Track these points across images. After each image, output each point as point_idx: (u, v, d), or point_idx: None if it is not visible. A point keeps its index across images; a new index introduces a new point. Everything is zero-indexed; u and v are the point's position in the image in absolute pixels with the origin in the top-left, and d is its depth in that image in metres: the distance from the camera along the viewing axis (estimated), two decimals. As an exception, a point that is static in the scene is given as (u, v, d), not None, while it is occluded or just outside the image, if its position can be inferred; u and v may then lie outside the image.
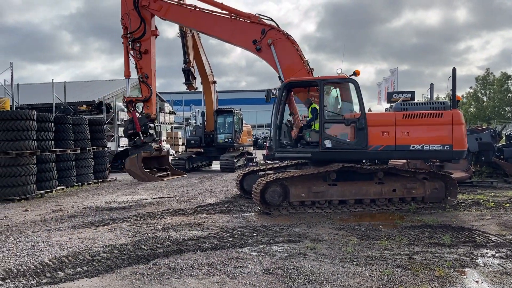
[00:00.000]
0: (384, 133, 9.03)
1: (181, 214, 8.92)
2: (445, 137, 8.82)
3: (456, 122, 8.83)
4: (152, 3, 12.71)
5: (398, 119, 9.06)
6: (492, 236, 6.67)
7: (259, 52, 10.90)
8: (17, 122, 11.40)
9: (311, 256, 5.77)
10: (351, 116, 9.33)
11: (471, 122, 49.64)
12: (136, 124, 13.45)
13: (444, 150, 8.84)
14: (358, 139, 9.06)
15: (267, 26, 10.84)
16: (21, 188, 11.32)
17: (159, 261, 5.61)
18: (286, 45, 10.65)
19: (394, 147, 9.00)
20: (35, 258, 5.86)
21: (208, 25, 11.91)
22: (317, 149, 9.33)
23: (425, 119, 8.97)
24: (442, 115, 8.91)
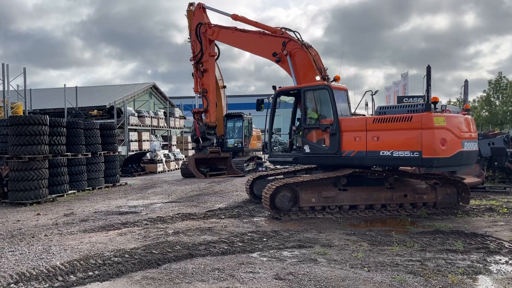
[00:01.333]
0: (356, 139, 8.78)
1: (191, 219, 8.95)
2: (414, 142, 8.06)
3: (426, 126, 7.97)
4: (208, 29, 15.44)
5: (369, 123, 8.72)
6: (506, 243, 6.58)
7: (280, 63, 11.72)
8: (30, 127, 11.55)
9: (322, 261, 5.74)
10: (327, 121, 9.37)
11: (483, 126, 49.09)
12: (197, 132, 16.65)
13: (413, 157, 8.09)
14: (331, 144, 9.11)
15: (286, 38, 11.56)
16: (33, 192, 11.44)
17: (170, 266, 5.63)
18: (301, 54, 11.12)
19: (365, 153, 8.65)
20: (47, 262, 5.92)
21: (244, 43, 13.76)
22: (300, 154, 9.69)
23: (394, 123, 8.38)
24: (411, 119, 8.18)
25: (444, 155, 7.99)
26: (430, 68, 8.30)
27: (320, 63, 11.01)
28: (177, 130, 31.39)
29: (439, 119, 8.02)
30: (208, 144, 16.97)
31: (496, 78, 52.54)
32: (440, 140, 7.97)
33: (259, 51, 12.93)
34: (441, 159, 7.99)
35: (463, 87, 9.53)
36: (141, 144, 24.42)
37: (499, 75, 52.50)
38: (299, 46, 11.17)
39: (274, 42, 11.96)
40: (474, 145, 8.85)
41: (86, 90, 31.60)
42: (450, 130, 8.13)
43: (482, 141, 14.00)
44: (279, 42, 11.69)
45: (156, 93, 33.53)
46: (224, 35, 14.79)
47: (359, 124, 8.92)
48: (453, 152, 8.13)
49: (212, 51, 16.23)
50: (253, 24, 13.46)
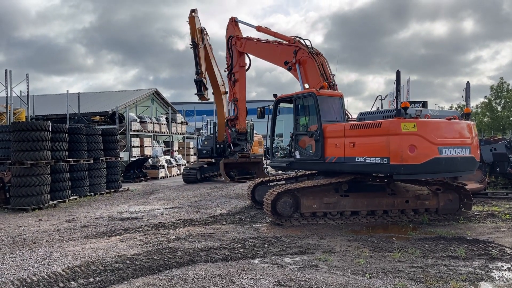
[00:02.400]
0: (336, 145, 8.91)
1: (192, 225, 8.94)
2: (383, 149, 7.96)
3: (393, 132, 7.82)
4: (237, 42, 16.40)
5: (347, 130, 8.75)
6: (508, 249, 6.55)
7: (291, 71, 12.24)
8: (32, 133, 11.59)
9: (323, 268, 5.72)
10: (313, 128, 9.54)
11: (485, 132, 48.99)
12: (228, 138, 17.98)
13: (382, 164, 7.98)
14: (316, 150, 9.32)
15: (297, 47, 12.11)
16: (35, 198, 11.46)
17: (171, 272, 5.62)
18: (309, 63, 11.63)
19: (344, 159, 8.71)
20: (49, 268, 5.92)
21: (264, 53, 14.63)
22: (292, 160, 10.01)
23: (366, 129, 8.36)
24: (380, 125, 8.11)
25: (413, 162, 7.75)
26: (399, 72, 8.16)
27: (327, 70, 11.27)
28: (179, 135, 31.42)
29: (408, 124, 7.80)
30: (238, 150, 17.97)
31: (498, 84, 52.51)
32: (409, 146, 7.74)
33: (275, 60, 13.56)
34: (409, 166, 7.76)
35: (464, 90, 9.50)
36: (143, 149, 24.44)
37: (501, 81, 52.48)
38: (307, 55, 11.60)
39: (287, 51, 12.61)
40: (464, 151, 8.35)
41: (88, 96, 31.69)
42: (422, 136, 7.84)
43: (484, 147, 13.98)
44: (291, 51, 12.29)
45: (158, 99, 33.62)
46: (250, 46, 15.77)
47: (339, 130, 9.02)
48: (425, 158, 7.83)
49: (242, 62, 16.99)
50: (273, 34, 14.28)
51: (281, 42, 13.35)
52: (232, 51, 16.73)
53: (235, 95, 17.44)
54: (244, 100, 17.83)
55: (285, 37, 13.35)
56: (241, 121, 17.85)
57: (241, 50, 16.43)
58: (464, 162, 8.41)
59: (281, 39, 13.58)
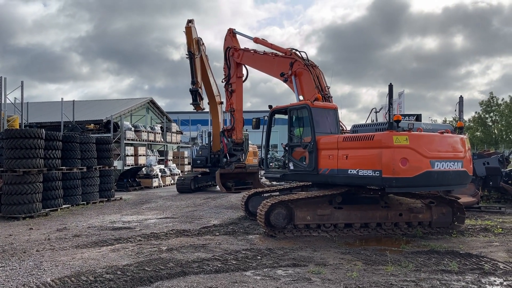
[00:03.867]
0: (330, 157, 8.91)
1: (185, 235, 8.88)
2: (375, 162, 7.96)
3: (385, 145, 7.84)
4: (235, 53, 16.46)
5: (340, 142, 8.78)
6: (501, 264, 6.56)
7: (287, 83, 12.33)
8: (25, 140, 11.52)
9: (316, 281, 5.69)
10: (307, 140, 9.57)
11: (478, 146, 49.34)
12: (224, 148, 17.90)
13: (374, 176, 7.97)
14: (309, 162, 9.35)
15: (293, 59, 12.23)
16: (26, 206, 11.35)
17: (162, 284, 5.56)
18: (304, 74, 11.75)
19: (337, 171, 8.70)
20: (38, 278, 5.84)
21: (260, 65, 14.79)
22: (286, 171, 10.05)
23: (359, 142, 8.37)
24: (373, 138, 8.14)
25: (405, 175, 7.76)
26: (392, 86, 8.20)
27: (322, 82, 11.37)
28: (174, 145, 31.35)
29: (401, 138, 7.82)
30: (235, 160, 18.06)
31: (488, 99, 53.11)
32: (400, 159, 7.74)
33: (272, 72, 13.73)
34: (401, 179, 7.77)
35: (457, 104, 9.53)
36: (137, 158, 24.33)
37: (490, 96, 53.08)
38: (302, 67, 11.74)
39: (283, 63, 12.76)
40: (456, 165, 8.36)
41: (83, 104, 31.61)
42: (414, 149, 7.85)
43: (477, 161, 14.06)
44: (287, 63, 12.43)
45: (153, 107, 33.58)
46: (247, 57, 15.91)
47: (332, 142, 9.06)
48: (417, 172, 7.83)
49: (240, 73, 17.07)
50: (269, 46, 14.39)
51: (278, 54, 13.48)
52: (229, 62, 16.85)
53: (232, 105, 17.56)
54: (241, 110, 17.96)
55: (281, 49, 13.48)
56: (238, 131, 18.00)
57: (239, 61, 16.56)
58: (456, 176, 8.42)
59: (277, 50, 13.71)
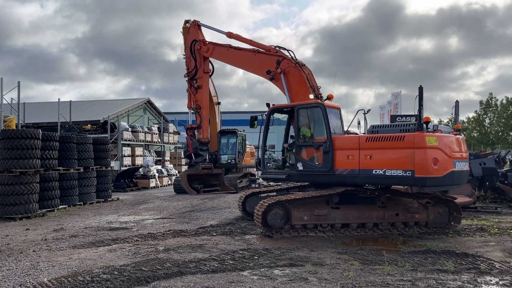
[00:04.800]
0: (349, 157, 8.81)
1: (182, 236, 8.88)
2: (407, 162, 8.12)
3: (419, 145, 8.05)
4: (203, 46, 15.74)
5: (362, 142, 8.79)
6: (496, 263, 6.59)
7: (274, 81, 11.87)
8: (22, 141, 11.49)
9: (313, 280, 5.70)
10: (320, 139, 9.39)
11: (475, 146, 49.51)
12: (189, 148, 16.34)
13: (405, 176, 8.12)
14: (324, 162, 9.12)
15: (281, 57, 11.68)
16: (23, 206, 11.32)
17: (159, 284, 5.56)
18: (294, 73, 11.26)
19: (358, 171, 8.67)
20: (35, 279, 5.83)
21: (237, 61, 14.13)
22: (293, 171, 9.68)
23: (387, 142, 8.45)
24: (403, 138, 8.26)
25: (436, 174, 8.04)
26: (422, 88, 8.37)
27: (313, 82, 11.11)
28: (171, 145, 31.33)
29: (431, 138, 8.11)
30: (201, 160, 16.67)
31: (487, 99, 53.27)
32: (432, 159, 8.02)
33: (253, 69, 13.23)
34: (433, 179, 8.04)
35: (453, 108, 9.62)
36: (134, 159, 24.30)
37: (490, 96, 53.24)
38: (293, 65, 11.31)
39: (268, 60, 12.12)
40: (465, 165, 8.92)
41: (80, 104, 31.55)
42: (442, 150, 8.20)
43: (474, 161, 14.10)
44: (273, 61, 11.86)
45: (150, 108, 33.55)
46: (219, 53, 15.09)
47: (352, 142, 9.00)
48: (445, 171, 8.19)
49: (207, 68, 16.45)
50: (248, 42, 13.74)
51: (259, 50, 12.85)
52: (195, 56, 16.06)
53: (197, 102, 16.65)
54: (207, 108, 17.07)
55: (263, 46, 12.84)
56: (204, 130, 16.94)
57: (208, 55, 15.84)
58: (466, 175, 9.08)
59: (258, 47, 13.03)
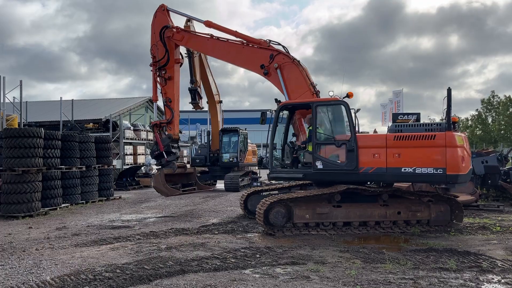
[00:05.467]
0: (375, 155, 8.84)
1: (184, 234, 8.90)
2: (438, 160, 8.41)
3: (450, 144, 8.39)
4: (176, 34, 13.78)
5: (389, 140, 8.85)
6: (499, 261, 6.58)
7: (267, 76, 11.35)
8: (24, 140, 11.52)
9: (315, 279, 5.71)
10: (342, 137, 9.26)
11: (477, 144, 49.40)
12: (160, 145, 13.84)
13: (437, 174, 8.41)
14: (348, 161, 8.99)
15: (275, 51, 11.24)
16: (25, 205, 11.35)
17: (161, 282, 5.58)
18: (292, 69, 10.94)
19: (385, 170, 8.75)
20: (37, 277, 5.85)
21: (222, 53, 12.79)
22: (309, 170, 9.38)
23: (417, 141, 8.65)
24: (434, 137, 8.52)
25: (464, 171, 8.55)
26: (450, 90, 8.80)
27: (310, 79, 10.99)
28: (173, 144, 31.31)
29: (459, 138, 8.55)
30: (174, 159, 14.40)
31: (489, 97, 53.12)
32: (461, 158, 8.46)
33: (241, 62, 12.49)
34: (462, 176, 8.54)
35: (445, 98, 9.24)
36: (136, 157, 24.34)
37: (492, 94, 53.08)
38: (290, 61, 11.03)
39: (259, 54, 11.58)
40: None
41: (82, 103, 31.60)
42: (465, 149, 8.71)
43: (476, 159, 14.08)
44: (266, 55, 11.39)
45: (152, 107, 33.57)
46: (197, 43, 13.72)
47: (378, 141, 9.00)
48: (468, 169, 8.81)
49: (178, 58, 14.42)
50: (232, 33, 12.61)
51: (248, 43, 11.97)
52: (165, 43, 13.83)
53: (167, 95, 14.33)
54: (178, 101, 14.78)
55: (251, 39, 11.99)
56: (176, 125, 14.76)
57: (182, 44, 14.08)
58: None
59: (245, 40, 12.11)
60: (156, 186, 13.86)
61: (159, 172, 13.70)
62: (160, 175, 13.66)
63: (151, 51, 14.23)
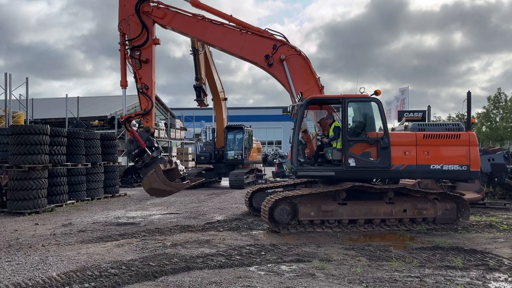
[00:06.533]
0: (406, 153, 9.17)
1: (189, 231, 8.91)
2: (463, 157, 9.13)
3: (472, 143, 9.20)
4: (156, 10, 11.31)
5: (419, 139, 9.25)
6: (505, 260, 6.54)
7: (270, 68, 10.61)
8: (31, 136, 11.57)
9: (320, 276, 5.70)
10: (374, 135, 9.27)
11: (483, 142, 49.10)
12: (140, 141, 11.10)
13: (462, 170, 9.11)
14: (381, 158, 9.06)
15: (278, 42, 10.61)
16: (32, 201, 11.41)
17: (167, 278, 5.59)
18: (299, 61, 10.52)
19: (415, 167, 9.16)
20: (44, 273, 5.88)
21: (216, 37, 11.19)
22: (340, 168, 9.17)
23: (444, 139, 9.26)
24: (459, 136, 9.22)
25: (479, 168, 9.49)
26: (470, 93, 9.70)
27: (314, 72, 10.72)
28: (178, 141, 31.41)
29: (476, 138, 9.51)
30: (159, 154, 11.52)
31: (495, 94, 52.72)
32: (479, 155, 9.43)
33: (240, 50, 11.03)
34: (479, 172, 9.53)
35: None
36: (141, 155, 24.39)
37: (498, 91, 52.66)
38: (296, 53, 10.53)
39: (262, 43, 10.70)
40: None
41: (87, 100, 31.72)
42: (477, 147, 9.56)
43: (483, 157, 13.97)
44: (269, 45, 10.60)
45: (157, 104, 33.62)
46: (184, 23, 11.39)
47: (409, 139, 9.34)
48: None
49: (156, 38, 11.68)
50: (227, 18, 11.10)
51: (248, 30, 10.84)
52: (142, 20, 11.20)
53: (143, 80, 11.48)
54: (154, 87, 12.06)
55: (251, 27, 10.82)
56: (153, 117, 12.26)
57: (164, 23, 11.41)
58: None
59: (243, 26, 10.89)
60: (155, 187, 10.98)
61: (153, 169, 10.89)
62: (156, 172, 10.91)
63: (119, 28, 11.56)
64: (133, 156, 11.30)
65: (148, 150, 11.17)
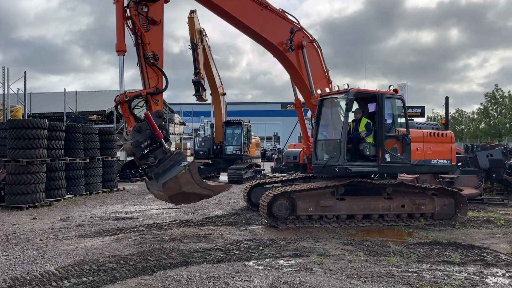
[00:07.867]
0: (417, 149, 9.71)
1: (187, 226, 8.91)
2: (448, 152, 10.17)
3: (453, 140, 10.50)
4: None
5: (425, 136, 10.01)
6: (503, 255, 6.55)
7: (289, 53, 9.86)
8: (28, 131, 11.53)
9: (318, 271, 5.70)
10: (400, 131, 9.55)
11: (482, 138, 49.15)
12: (156, 130, 8.21)
13: (448, 164, 10.14)
14: (406, 153, 9.46)
15: (295, 26, 10.02)
16: (30, 196, 11.40)
17: (165, 273, 5.59)
18: (313, 50, 10.32)
19: (424, 162, 9.80)
20: (42, 267, 5.88)
21: (238, 9, 9.48)
22: (377, 163, 9.16)
23: (439, 137, 10.27)
24: (446, 135, 10.37)
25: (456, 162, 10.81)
26: (448, 98, 11.48)
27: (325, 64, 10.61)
28: (176, 136, 31.35)
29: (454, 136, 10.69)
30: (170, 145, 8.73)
31: (493, 91, 52.76)
32: None
33: (261, 29, 9.76)
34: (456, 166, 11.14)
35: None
36: (139, 149, 24.34)
37: (495, 87, 52.70)
38: (311, 41, 10.05)
39: (281, 25, 9.80)
40: None
41: (86, 94, 31.61)
42: None
43: (481, 153, 14.01)
44: (287, 28, 9.78)
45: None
46: None
47: (420, 136, 9.94)
48: None
49: None
50: None
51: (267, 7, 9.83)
52: None
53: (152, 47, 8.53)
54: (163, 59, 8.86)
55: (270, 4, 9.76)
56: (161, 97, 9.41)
57: None
58: None
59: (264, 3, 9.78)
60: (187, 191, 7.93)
61: (187, 168, 7.91)
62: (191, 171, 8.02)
63: None
64: (142, 149, 8.17)
65: (164, 143, 8.36)
